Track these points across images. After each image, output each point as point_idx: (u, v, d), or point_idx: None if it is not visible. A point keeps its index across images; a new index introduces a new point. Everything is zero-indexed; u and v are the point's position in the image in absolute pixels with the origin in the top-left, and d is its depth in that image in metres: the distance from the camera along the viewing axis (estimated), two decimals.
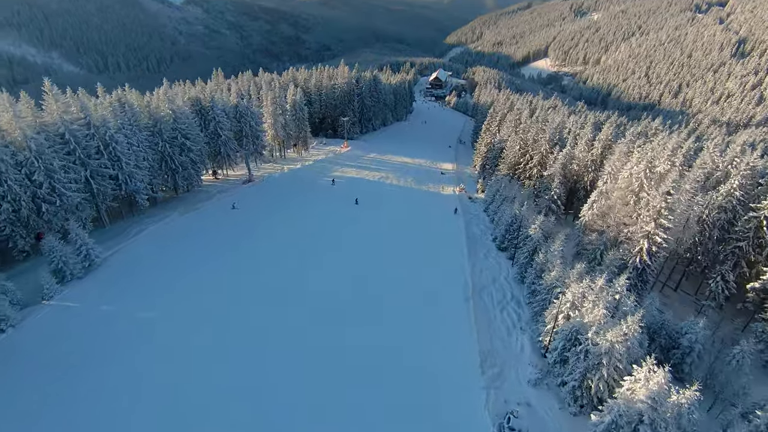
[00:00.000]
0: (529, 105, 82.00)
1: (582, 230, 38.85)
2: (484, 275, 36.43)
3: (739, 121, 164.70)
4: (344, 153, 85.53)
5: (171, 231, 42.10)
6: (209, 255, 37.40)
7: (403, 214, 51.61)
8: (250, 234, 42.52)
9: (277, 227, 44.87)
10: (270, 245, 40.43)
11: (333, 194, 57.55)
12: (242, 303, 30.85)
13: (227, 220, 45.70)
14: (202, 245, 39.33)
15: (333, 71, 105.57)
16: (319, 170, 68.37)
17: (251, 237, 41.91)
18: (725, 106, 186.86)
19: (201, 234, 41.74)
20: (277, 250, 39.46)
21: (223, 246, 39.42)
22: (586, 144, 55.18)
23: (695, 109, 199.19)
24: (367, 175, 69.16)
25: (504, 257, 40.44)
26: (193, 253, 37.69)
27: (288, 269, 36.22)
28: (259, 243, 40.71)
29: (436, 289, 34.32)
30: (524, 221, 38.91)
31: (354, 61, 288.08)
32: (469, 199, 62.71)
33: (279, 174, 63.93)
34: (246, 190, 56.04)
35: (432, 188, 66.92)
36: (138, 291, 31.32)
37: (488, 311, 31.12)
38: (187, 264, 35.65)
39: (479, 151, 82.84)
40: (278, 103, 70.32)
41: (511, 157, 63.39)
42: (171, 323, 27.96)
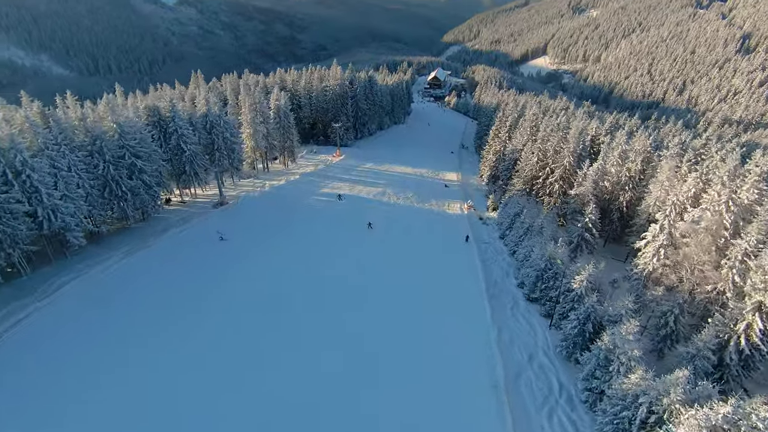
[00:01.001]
0: (539, 106, 72.26)
1: (642, 280, 29.12)
2: (516, 347, 26.67)
3: (751, 119, 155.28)
4: (337, 163, 75.68)
5: (108, 282, 32.26)
6: (158, 321, 27.65)
7: (404, 246, 41.70)
8: (217, 285, 32.74)
9: (247, 273, 35.04)
10: (237, 304, 30.59)
11: (321, 219, 47.72)
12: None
13: (186, 262, 35.90)
14: (148, 304, 29.54)
15: (324, 72, 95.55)
16: (306, 187, 58.49)
17: (217, 290, 32.13)
18: (734, 104, 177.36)
19: (149, 285, 31.94)
20: (242, 315, 29.66)
21: (176, 305, 29.65)
22: (620, 156, 45.59)
23: (702, 107, 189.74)
24: (361, 191, 59.32)
25: (536, 312, 30.67)
26: (132, 319, 27.84)
27: (264, 341, 26.56)
28: (224, 301, 30.87)
29: (450, 371, 24.63)
30: (559, 266, 29.27)
31: (350, 61, 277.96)
32: (479, 220, 52.99)
33: (258, 193, 54.00)
34: (216, 215, 46.14)
35: (436, 206, 57.18)
36: (29, 407, 21.04)
37: (530, 418, 21.38)
38: (121, 340, 25.78)
39: (486, 159, 73.12)
40: (259, 110, 60.38)
41: (527, 171, 53.71)
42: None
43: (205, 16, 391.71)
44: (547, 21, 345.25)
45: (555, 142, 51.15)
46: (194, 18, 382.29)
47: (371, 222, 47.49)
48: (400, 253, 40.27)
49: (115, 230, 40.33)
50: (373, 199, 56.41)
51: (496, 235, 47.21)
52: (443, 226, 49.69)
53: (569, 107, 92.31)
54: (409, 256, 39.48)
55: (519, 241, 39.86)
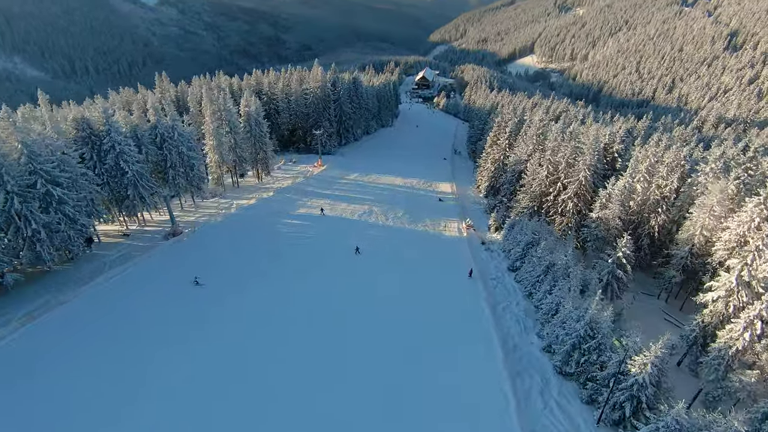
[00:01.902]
0: (546, 111, 64.30)
1: (723, 369, 20.88)
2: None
3: (745, 118, 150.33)
4: (318, 174, 67.13)
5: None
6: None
7: (395, 289, 33.24)
8: (157, 358, 24.09)
9: (200, 337, 26.41)
10: (184, 388, 22.09)
11: (294, 252, 39.14)
12: None
13: (119, 323, 27.14)
14: (58, 396, 20.93)
15: (304, 74, 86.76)
16: (279, 206, 49.82)
17: (160, 366, 23.52)
18: (726, 102, 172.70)
19: (62, 364, 23.21)
20: (194, 402, 21.21)
21: (100, 399, 21.04)
22: (647, 171, 38.01)
23: (693, 106, 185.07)
24: (344, 210, 50.89)
25: (574, 396, 22.44)
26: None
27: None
28: (172, 383, 22.35)
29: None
30: (620, 349, 21.38)
31: (336, 61, 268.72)
32: (482, 245, 45.00)
33: (222, 217, 45.17)
34: (164, 250, 37.31)
35: (431, 226, 49.03)
36: None
37: None
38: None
39: (484, 168, 65.27)
40: (224, 118, 51.56)
41: (535, 186, 45.91)
42: None
43: (187, 16, 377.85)
44: (534, 20, 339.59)
45: (568, 153, 43.41)
46: (175, 18, 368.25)
47: (358, 247, 39.64)
48: (387, 300, 31.87)
49: (30, 277, 31.31)
50: (358, 221, 48.02)
51: (504, 266, 39.21)
52: (440, 254, 41.53)
53: (569, 109, 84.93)
54: (399, 305, 31.05)
55: (537, 282, 31.91)
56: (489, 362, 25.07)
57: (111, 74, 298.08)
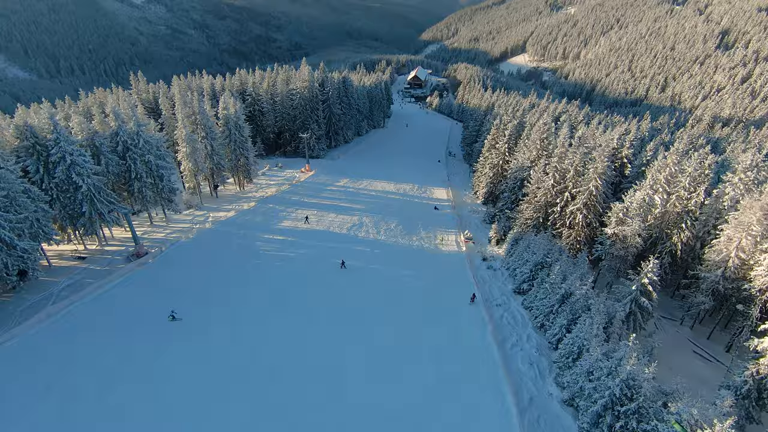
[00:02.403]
0: (551, 114, 59.63)
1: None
2: None
3: (740, 117, 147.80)
4: (305, 181, 62.32)
5: None
6: None
7: (389, 334, 27.78)
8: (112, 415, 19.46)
9: (159, 388, 21.79)
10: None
11: (275, 276, 34.41)
12: None
13: (63, 379, 22.34)
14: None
15: (291, 73, 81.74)
16: (260, 220, 44.97)
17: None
18: (719, 101, 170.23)
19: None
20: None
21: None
22: (667, 181, 33.85)
23: (687, 105, 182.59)
24: (332, 222, 46.23)
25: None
26: None
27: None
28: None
29: None
30: (646, 394, 17.08)
31: (327, 60, 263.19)
32: (483, 261, 40.63)
33: (195, 234, 40.19)
34: (124, 277, 32.39)
35: (426, 239, 44.54)
36: None
37: None
38: None
39: (482, 173, 60.93)
40: (200, 123, 46.55)
41: (540, 196, 41.62)
42: None
43: (176, 14, 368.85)
44: (525, 18, 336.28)
45: (576, 161, 39.14)
46: (164, 17, 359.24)
47: (344, 261, 35.56)
48: (378, 332, 27.51)
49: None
50: (347, 235, 43.34)
51: (509, 288, 34.84)
52: (438, 275, 37.01)
53: (569, 110, 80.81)
54: (394, 354, 26.32)
55: (551, 313, 27.52)
56: (500, 420, 20.63)
57: (97, 74, 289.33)
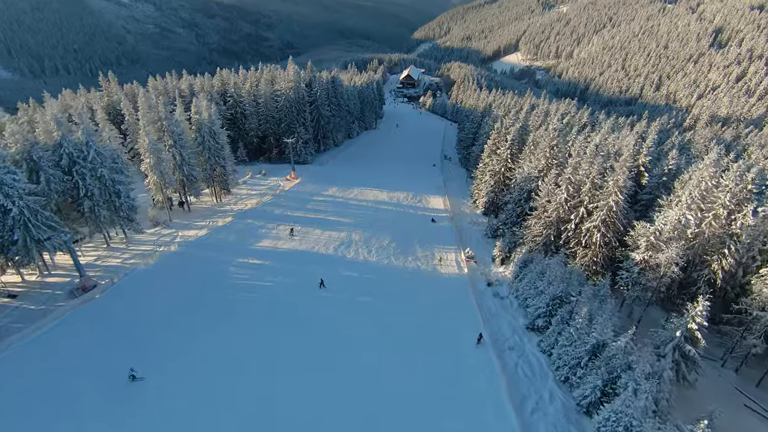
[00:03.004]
0: (561, 118, 54.09)
1: None
2: None
3: (738, 116, 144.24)
4: (290, 190, 56.79)
5: None
6: None
7: (377, 403, 22.52)
8: None
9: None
10: None
11: (244, 314, 28.94)
12: None
13: None
14: None
15: (276, 73, 75.94)
16: (236, 239, 39.35)
17: None
18: (715, 100, 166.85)
19: None
20: None
21: None
22: (702, 198, 28.90)
23: (683, 103, 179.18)
24: (317, 239, 40.75)
25: None
26: None
27: None
28: None
29: None
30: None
31: (319, 59, 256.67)
32: (488, 287, 35.48)
33: (158, 259, 34.49)
34: (61, 317, 26.68)
35: (423, 261, 39.20)
36: None
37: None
38: None
39: (482, 181, 55.75)
40: (167, 129, 40.79)
41: (551, 211, 36.53)
42: None
43: (164, 13, 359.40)
44: (518, 17, 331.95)
45: (594, 172, 34.08)
46: (152, 15, 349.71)
47: (323, 281, 31.10)
48: (365, 394, 22.24)
49: None
50: (334, 257, 37.92)
51: (521, 323, 29.65)
52: (438, 306, 31.67)
53: (572, 111, 75.84)
54: (381, 409, 21.29)
55: (578, 366, 22.37)
56: None
57: (83, 73, 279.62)
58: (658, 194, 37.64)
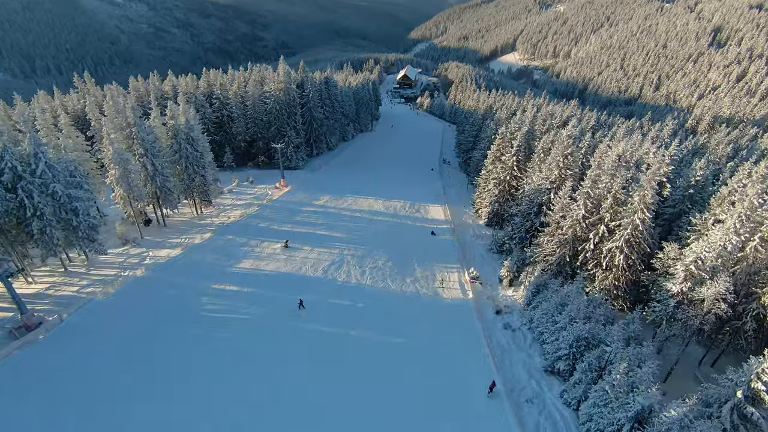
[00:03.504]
0: (577, 123, 49.57)
1: None
2: None
3: (741, 116, 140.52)
4: (279, 200, 52.30)
5: None
6: None
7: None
8: None
9: None
10: None
11: (213, 360, 24.51)
12: None
13: None
14: None
15: (267, 73, 71.30)
16: (213, 261, 34.78)
17: None
18: (717, 100, 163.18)
19: None
20: None
21: None
22: (747, 218, 24.70)
23: (683, 103, 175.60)
24: (305, 259, 36.32)
25: None
26: None
27: None
28: None
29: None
30: None
31: (315, 59, 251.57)
32: (497, 315, 31.17)
33: (119, 288, 29.84)
34: None
35: (423, 283, 34.80)
36: None
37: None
38: None
39: (485, 189, 51.41)
40: (136, 137, 36.21)
41: (567, 228, 32.23)
42: None
43: (159, 13, 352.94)
44: (515, 16, 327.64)
45: (616, 186, 29.80)
46: (145, 15, 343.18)
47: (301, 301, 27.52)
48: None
49: None
50: (323, 279, 33.52)
51: (539, 364, 25.36)
52: (440, 342, 27.29)
53: (577, 114, 71.53)
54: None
55: (618, 430, 18.10)
56: None
57: (75, 74, 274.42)
58: (684, 208, 33.58)
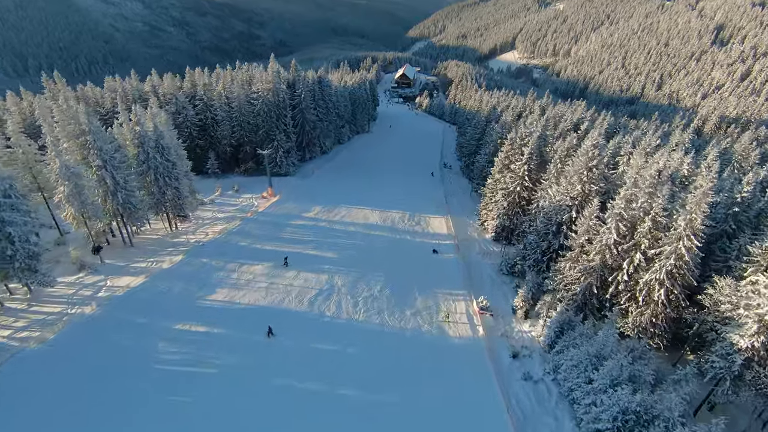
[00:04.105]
0: (600, 126, 44.40)
1: None
2: None
3: (749, 116, 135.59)
4: (265, 212, 47.00)
5: None
6: None
7: None
8: None
9: None
10: None
11: None
12: None
13: None
14: None
15: (255, 72, 65.85)
16: (182, 293, 29.38)
17: None
18: (722, 100, 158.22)
19: None
20: None
21: None
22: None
23: (687, 103, 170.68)
24: (288, 287, 31.07)
25: None
26: None
27: None
28: None
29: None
30: None
31: (311, 57, 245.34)
32: (513, 360, 26.08)
33: (59, 332, 24.46)
34: None
35: (426, 316, 29.64)
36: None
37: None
38: None
39: (492, 200, 46.16)
40: (93, 146, 30.93)
41: (594, 254, 27.11)
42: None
43: (154, 11, 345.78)
44: (514, 15, 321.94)
45: (656, 208, 24.69)
46: (141, 13, 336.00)
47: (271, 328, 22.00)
48: None
49: None
50: (308, 314, 28.30)
51: (569, 430, 20.30)
52: (448, 400, 22.26)
53: (585, 115, 66.29)
54: None
55: None
56: None
57: (69, 73, 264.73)
58: (726, 228, 28.49)
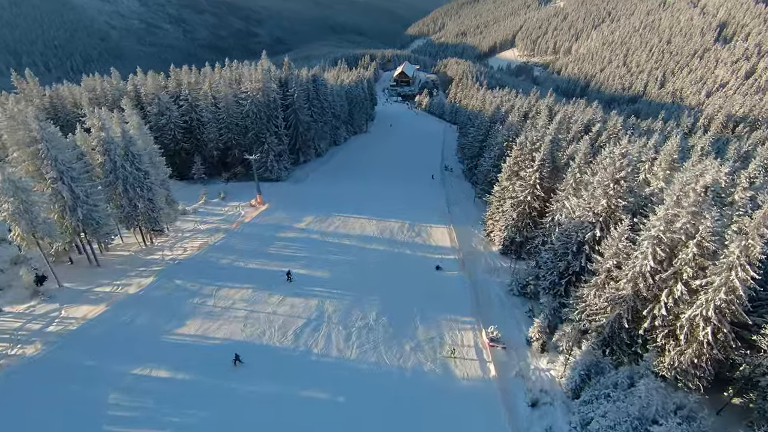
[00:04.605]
0: (629, 133, 40.17)
1: None
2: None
3: (756, 115, 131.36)
4: (252, 223, 42.87)
5: None
6: None
7: None
8: None
9: None
10: None
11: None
12: None
13: None
14: None
15: (244, 71, 61.46)
16: (146, 324, 25.23)
17: None
18: (727, 98, 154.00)
19: None
20: None
21: None
22: None
23: (690, 101, 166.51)
24: (271, 317, 26.91)
25: None
26: None
27: None
28: None
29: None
30: None
31: (308, 55, 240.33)
32: (532, 410, 21.98)
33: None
34: None
35: (429, 352, 25.45)
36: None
37: None
38: None
39: (499, 210, 42.02)
40: (47, 155, 26.72)
41: (624, 281, 23.03)
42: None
43: (150, 8, 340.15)
44: (513, 12, 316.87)
45: (703, 231, 20.55)
46: (137, 10, 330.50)
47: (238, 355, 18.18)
48: None
49: None
50: (290, 354, 24.14)
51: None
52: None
53: (594, 114, 62.02)
54: None
55: None
56: None
57: (64, 71, 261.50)
58: None
